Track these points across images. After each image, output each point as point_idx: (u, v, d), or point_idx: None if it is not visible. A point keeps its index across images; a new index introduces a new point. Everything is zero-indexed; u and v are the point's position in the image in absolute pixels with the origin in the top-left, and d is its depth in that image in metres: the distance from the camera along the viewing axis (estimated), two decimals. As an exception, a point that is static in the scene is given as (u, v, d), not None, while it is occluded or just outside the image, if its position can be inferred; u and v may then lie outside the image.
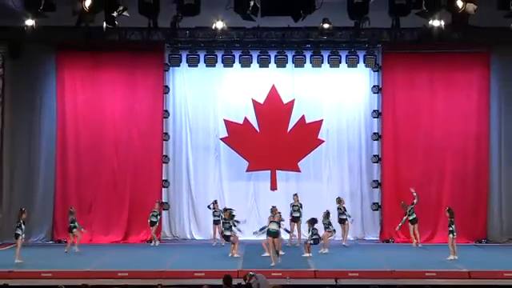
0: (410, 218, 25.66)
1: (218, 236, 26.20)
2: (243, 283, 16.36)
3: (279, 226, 22.70)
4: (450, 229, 22.82)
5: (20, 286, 17.50)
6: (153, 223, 26.46)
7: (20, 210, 23.45)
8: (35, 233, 27.12)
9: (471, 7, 19.35)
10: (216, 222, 26.17)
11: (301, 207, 26.42)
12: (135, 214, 27.53)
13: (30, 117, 27.65)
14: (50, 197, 27.41)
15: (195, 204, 28.24)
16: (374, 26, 23.38)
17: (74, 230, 24.76)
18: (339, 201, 26.44)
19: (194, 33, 26.35)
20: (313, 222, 23.78)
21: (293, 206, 26.51)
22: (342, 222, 26.23)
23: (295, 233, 26.41)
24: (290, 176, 28.35)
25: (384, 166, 27.89)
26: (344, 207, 26.33)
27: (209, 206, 26.54)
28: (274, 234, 22.23)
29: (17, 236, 22.90)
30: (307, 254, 23.48)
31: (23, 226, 23.11)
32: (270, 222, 22.60)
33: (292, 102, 28.35)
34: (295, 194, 26.75)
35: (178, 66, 27.62)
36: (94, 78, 27.84)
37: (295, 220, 26.35)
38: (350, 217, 26.21)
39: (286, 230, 24.49)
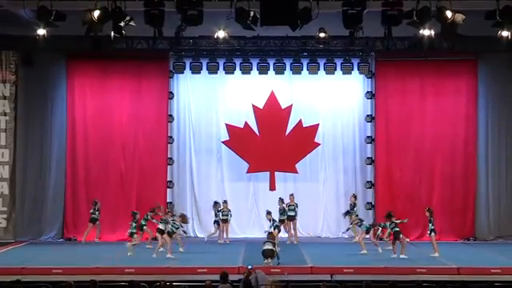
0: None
1: (225, 235, 26.54)
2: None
3: (274, 245, 21.55)
4: (432, 227, 22.87)
5: (32, 282, 17.39)
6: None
7: (132, 213, 24.38)
8: (46, 231, 27.07)
9: (460, 17, 19.32)
10: (224, 221, 26.33)
11: (296, 207, 26.48)
12: (141, 213, 27.44)
13: (42, 121, 27.63)
14: (61, 197, 27.36)
15: (198, 203, 28.24)
16: (367, 35, 23.43)
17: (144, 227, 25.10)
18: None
19: (197, 41, 26.37)
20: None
21: (289, 205, 26.54)
22: None
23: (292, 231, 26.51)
24: (288, 177, 28.30)
25: (377, 168, 27.88)
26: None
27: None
28: (268, 253, 21.52)
29: (132, 234, 23.69)
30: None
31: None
32: (264, 242, 21.73)
33: (290, 107, 28.32)
34: (291, 195, 26.83)
35: (182, 73, 27.65)
36: (103, 84, 27.86)
37: (291, 219, 26.38)
38: None
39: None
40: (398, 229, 22.80)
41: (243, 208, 27.62)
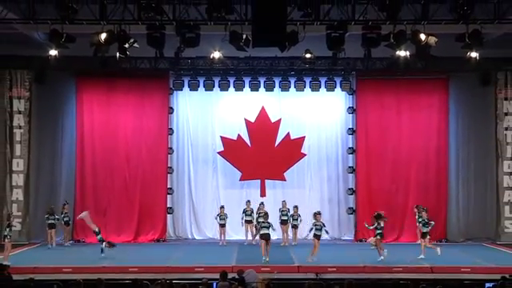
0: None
1: (222, 237, 26.45)
2: (237, 277, 16.32)
3: (269, 228, 22.33)
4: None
5: (44, 280, 17.32)
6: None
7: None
8: (58, 234, 26.85)
9: (432, 40, 19.47)
10: (222, 226, 26.28)
11: (289, 212, 26.41)
12: (144, 217, 27.49)
13: (54, 134, 27.58)
14: (71, 203, 27.14)
15: (195, 209, 28.19)
16: (349, 55, 23.46)
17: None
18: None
19: (194, 61, 26.32)
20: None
21: (281, 210, 26.47)
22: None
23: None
24: (277, 184, 28.29)
25: (358, 176, 27.89)
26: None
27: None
28: (267, 237, 21.96)
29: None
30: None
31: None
32: (262, 226, 22.29)
33: (279, 121, 28.34)
34: (283, 201, 26.73)
35: (181, 90, 27.64)
36: (109, 100, 27.81)
37: (284, 223, 26.34)
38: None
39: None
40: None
41: (237, 213, 27.47)
